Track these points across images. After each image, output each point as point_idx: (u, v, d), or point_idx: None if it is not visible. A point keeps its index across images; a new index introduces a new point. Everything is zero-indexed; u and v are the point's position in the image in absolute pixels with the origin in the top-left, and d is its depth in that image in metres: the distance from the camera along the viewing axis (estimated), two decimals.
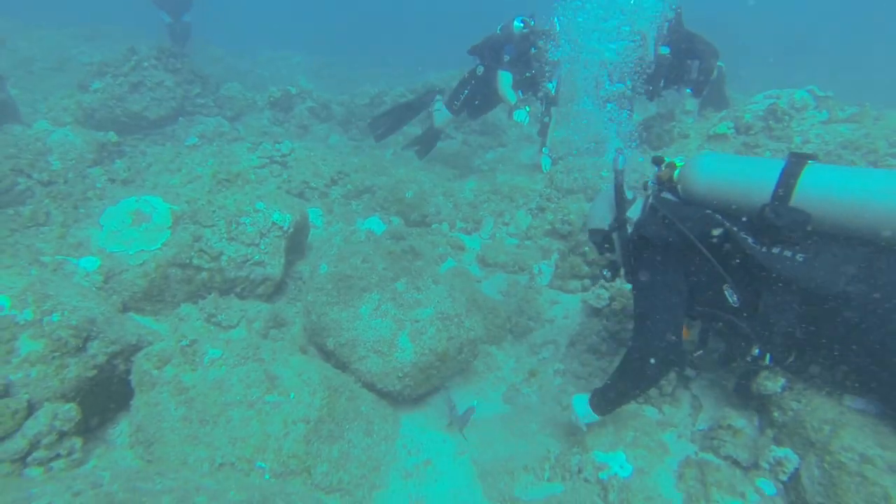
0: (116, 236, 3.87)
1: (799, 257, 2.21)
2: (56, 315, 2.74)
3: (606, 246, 2.93)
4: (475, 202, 5.94)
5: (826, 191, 2.16)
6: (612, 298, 3.91)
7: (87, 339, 2.80)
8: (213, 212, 4.05)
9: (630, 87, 5.60)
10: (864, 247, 2.16)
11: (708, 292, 2.48)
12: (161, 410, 2.75)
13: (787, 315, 2.26)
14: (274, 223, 4.22)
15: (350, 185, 5.87)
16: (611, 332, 3.71)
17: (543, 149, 6.52)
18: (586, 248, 4.47)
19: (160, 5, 11.41)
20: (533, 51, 6.13)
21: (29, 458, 2.49)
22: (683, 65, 5.71)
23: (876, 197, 2.07)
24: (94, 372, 2.82)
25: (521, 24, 6.25)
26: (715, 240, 2.39)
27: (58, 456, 2.57)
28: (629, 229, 2.77)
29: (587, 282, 4.41)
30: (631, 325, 3.66)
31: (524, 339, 4.17)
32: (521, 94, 6.26)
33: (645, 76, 5.68)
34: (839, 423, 2.19)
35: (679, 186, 2.64)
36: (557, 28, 5.99)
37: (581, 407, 2.73)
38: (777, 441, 2.42)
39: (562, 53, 6.17)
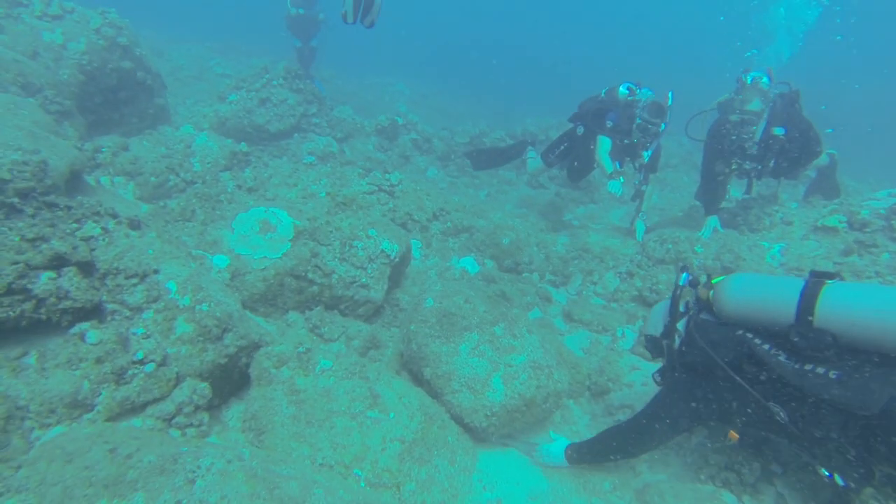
0: (245, 240, 4.33)
1: (832, 374, 2.23)
2: (206, 305, 3.16)
3: (657, 352, 3.19)
4: (566, 257, 6.11)
5: (845, 310, 2.20)
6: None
7: (224, 331, 3.19)
8: (331, 232, 4.46)
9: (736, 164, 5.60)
10: None
11: (752, 412, 2.58)
12: (274, 405, 3.08)
13: (831, 430, 2.29)
14: (382, 251, 4.57)
15: (450, 222, 6.20)
16: None
17: (640, 216, 6.59)
18: None
19: (294, 32, 12.60)
20: (638, 121, 6.16)
21: (173, 421, 2.87)
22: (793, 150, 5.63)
23: (891, 314, 2.11)
24: (226, 360, 3.21)
25: (627, 91, 6.34)
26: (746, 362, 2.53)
27: (191, 425, 2.94)
28: (676, 341, 3.01)
29: None
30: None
31: (601, 399, 4.25)
32: (618, 165, 6.31)
33: (751, 155, 5.65)
34: None
35: (714, 307, 2.79)
36: (670, 102, 6.04)
37: (555, 453, 3.32)
38: None
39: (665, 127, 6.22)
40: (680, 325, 3.03)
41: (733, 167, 5.73)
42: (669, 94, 6.04)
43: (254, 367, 3.25)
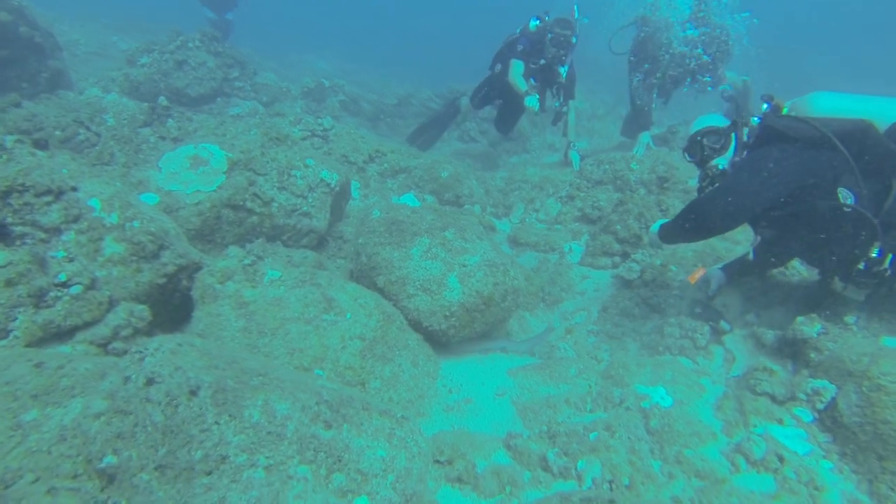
0: (175, 177, 4.05)
1: None
2: (137, 222, 2.91)
3: (707, 152, 3.03)
4: (506, 189, 6.14)
5: None
6: (643, 270, 4.07)
7: (160, 248, 2.96)
8: (267, 163, 4.24)
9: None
10: None
11: (818, 191, 2.60)
12: (222, 321, 2.90)
13: None
14: (322, 179, 4.41)
15: (386, 164, 6.07)
16: (643, 298, 3.86)
17: (571, 145, 6.73)
18: (618, 227, 4.64)
19: (205, 2, 11.84)
20: (549, 36, 6.31)
21: (109, 347, 2.63)
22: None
23: None
24: (164, 280, 2.98)
25: (538, 21, 6.52)
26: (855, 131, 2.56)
27: (130, 350, 2.70)
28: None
29: (618, 259, 4.57)
30: (662, 293, 3.83)
31: (556, 308, 4.32)
32: (532, 81, 6.44)
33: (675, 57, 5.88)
34: (878, 354, 2.33)
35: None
36: (577, 15, 6.25)
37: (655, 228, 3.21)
38: (813, 377, 2.55)
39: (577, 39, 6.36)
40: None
41: (659, 76, 5.94)
42: (575, 8, 6.32)
43: (196, 288, 3.03)
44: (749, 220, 3.04)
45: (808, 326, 2.66)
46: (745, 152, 2.99)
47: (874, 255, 2.48)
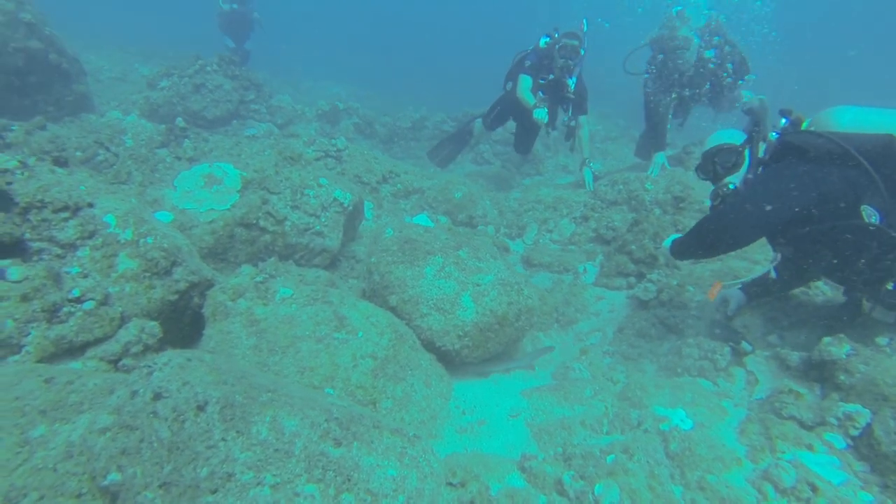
0: (189, 196, 4.08)
1: None
2: (151, 238, 2.91)
3: (722, 170, 3.00)
4: (519, 210, 6.11)
5: None
6: (659, 291, 3.99)
7: (173, 264, 2.96)
8: (280, 182, 4.27)
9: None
10: None
11: (840, 210, 2.53)
12: (233, 338, 2.87)
13: None
14: (335, 199, 4.42)
15: (400, 184, 6.09)
16: (660, 318, 3.77)
17: (586, 162, 6.69)
18: (633, 247, 4.57)
19: (226, 31, 12.17)
20: (557, 47, 6.34)
21: (119, 364, 2.61)
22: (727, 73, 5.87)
23: None
24: (176, 297, 2.97)
25: (548, 38, 6.56)
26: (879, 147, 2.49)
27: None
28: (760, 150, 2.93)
29: (633, 279, 4.50)
30: (680, 313, 3.75)
31: (570, 329, 4.24)
32: (541, 94, 6.44)
33: (689, 79, 5.86)
34: None
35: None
36: (585, 28, 6.27)
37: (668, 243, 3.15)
38: (844, 401, 2.45)
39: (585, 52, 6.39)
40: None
41: (673, 97, 5.92)
42: (584, 21, 6.36)
43: (208, 305, 3.02)
44: (767, 237, 2.98)
45: (837, 347, 2.56)
46: (760, 169, 2.94)
47: None
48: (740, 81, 5.85)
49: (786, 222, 2.70)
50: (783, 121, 2.91)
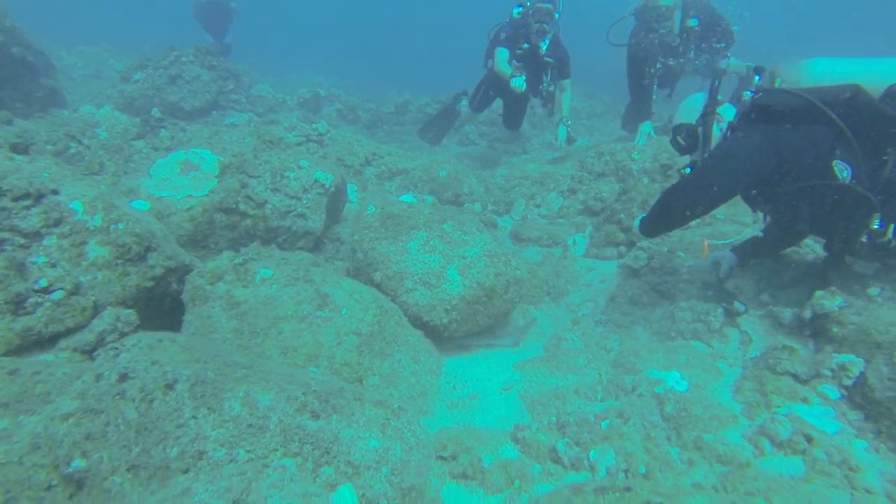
0: (166, 183, 3.96)
1: None
2: (122, 224, 2.81)
3: (690, 143, 2.99)
4: (506, 186, 6.03)
5: None
6: (650, 258, 3.93)
7: (147, 249, 2.86)
8: (259, 165, 4.15)
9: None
10: None
11: (813, 169, 2.49)
12: (213, 322, 2.78)
13: None
14: (316, 180, 4.31)
15: (384, 166, 5.98)
16: (651, 285, 3.71)
17: (562, 120, 6.62)
18: (622, 216, 4.51)
19: (204, 24, 11.90)
20: (531, 12, 6.25)
21: (94, 354, 2.51)
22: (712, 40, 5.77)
23: None
24: (152, 283, 2.87)
25: (520, 8, 6.46)
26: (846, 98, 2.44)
27: None
28: (717, 126, 2.88)
29: (623, 248, 4.43)
30: (672, 279, 3.69)
31: (561, 301, 4.17)
32: (515, 62, 6.39)
33: (673, 49, 5.76)
34: None
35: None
36: None
37: (636, 225, 3.11)
38: (838, 353, 2.40)
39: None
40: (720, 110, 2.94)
41: (658, 66, 5.82)
42: None
43: (186, 290, 2.92)
44: (743, 199, 2.97)
45: (829, 300, 2.51)
46: (729, 133, 2.90)
47: (876, 226, 2.34)
48: (720, 45, 5.75)
49: (749, 187, 2.72)
50: (756, 78, 2.85)
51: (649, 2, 5.74)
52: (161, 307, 3.00)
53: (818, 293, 2.56)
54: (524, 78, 6.16)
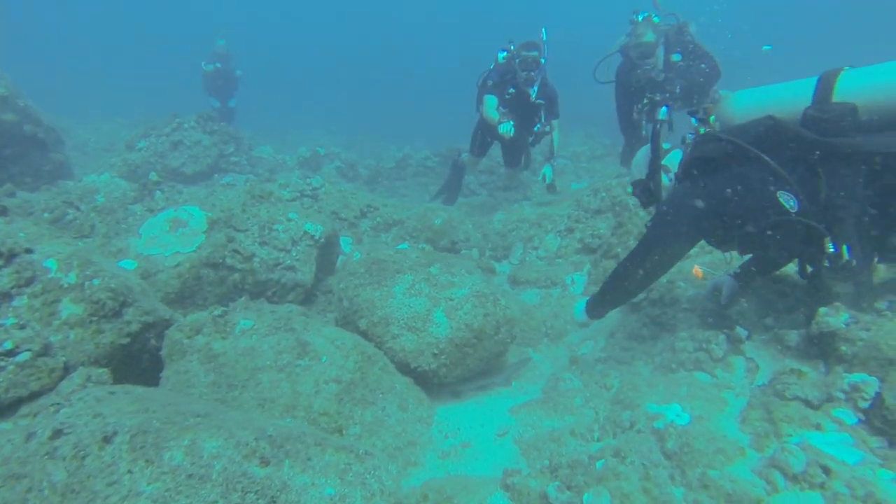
0: (154, 241, 3.96)
1: (858, 139, 2.25)
2: (97, 280, 2.76)
3: (647, 198, 3.00)
4: (504, 231, 5.96)
5: (867, 80, 2.26)
6: (649, 290, 3.78)
7: (123, 305, 2.80)
8: (247, 219, 4.15)
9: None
10: None
11: (760, 208, 2.46)
12: (190, 377, 2.68)
13: (854, 191, 2.23)
14: (306, 232, 4.28)
15: (379, 217, 5.97)
16: (651, 317, 3.55)
17: (549, 160, 6.63)
18: (619, 250, 4.39)
19: (210, 91, 12.45)
20: (517, 61, 6.33)
21: None
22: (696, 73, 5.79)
23: None
24: (128, 340, 2.79)
25: (505, 52, 6.58)
26: (765, 133, 2.45)
27: None
28: (666, 177, 2.85)
29: None
30: (671, 310, 3.53)
31: (560, 341, 4.01)
32: (502, 108, 6.47)
33: (659, 84, 5.80)
34: None
35: (716, 125, 2.76)
36: (545, 38, 6.27)
37: (579, 313, 3.16)
38: (849, 373, 2.21)
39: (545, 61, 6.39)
40: (665, 161, 2.96)
41: (645, 102, 5.84)
42: (543, 31, 6.36)
43: (165, 346, 2.84)
44: (707, 242, 2.95)
45: (834, 317, 2.34)
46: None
47: (831, 250, 2.27)
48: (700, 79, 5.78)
49: (699, 239, 2.81)
50: (693, 120, 2.87)
51: (633, 39, 5.83)
52: (139, 364, 2.91)
53: (822, 310, 2.41)
54: (511, 123, 6.22)
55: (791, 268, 3.08)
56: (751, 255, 3.12)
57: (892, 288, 2.56)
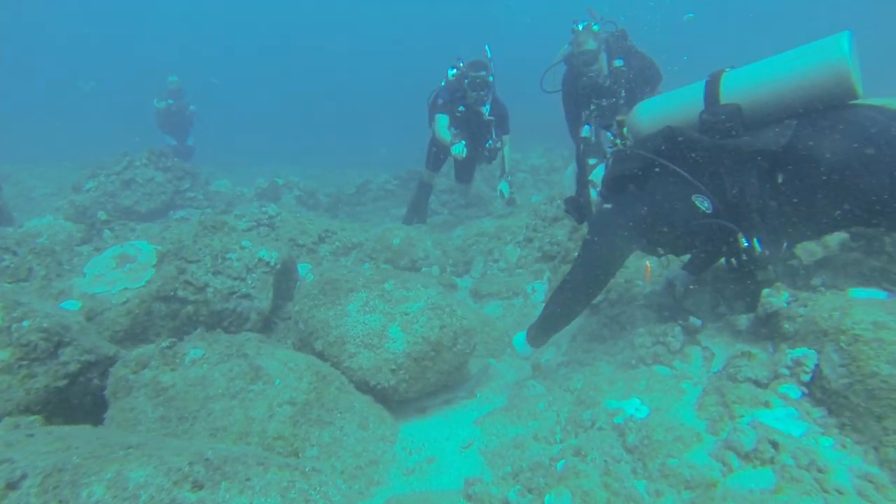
0: (100, 279, 3.82)
1: (745, 138, 2.40)
2: (27, 321, 2.63)
3: (579, 214, 3.17)
4: (463, 246, 5.97)
5: (746, 81, 2.41)
6: (607, 290, 3.81)
7: (58, 345, 2.67)
8: (199, 249, 4.04)
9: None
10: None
11: (680, 214, 2.59)
12: (137, 415, 2.56)
13: (751, 187, 2.37)
14: (261, 259, 4.20)
15: (338, 241, 5.92)
16: (611, 317, 3.57)
17: (504, 177, 6.75)
18: (575, 254, 4.42)
19: (166, 129, 12.25)
20: (466, 81, 6.48)
21: None
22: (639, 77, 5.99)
23: (783, 72, 2.33)
24: (65, 382, 2.66)
25: (454, 70, 6.74)
26: (665, 142, 2.59)
27: None
28: (594, 192, 3.02)
29: None
30: (630, 309, 3.56)
31: None
32: (453, 129, 6.61)
33: (604, 89, 5.96)
34: (847, 306, 2.07)
35: (630, 137, 2.90)
36: (489, 55, 6.45)
37: (519, 344, 3.16)
38: (792, 350, 2.25)
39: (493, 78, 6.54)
40: (592, 176, 3.06)
41: (592, 108, 5.98)
42: (486, 48, 6.56)
43: (109, 384, 2.71)
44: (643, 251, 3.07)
45: (776, 297, 2.39)
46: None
47: (744, 245, 2.43)
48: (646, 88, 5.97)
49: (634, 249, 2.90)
50: (609, 135, 2.99)
51: (575, 48, 5.99)
52: (82, 408, 2.77)
53: (765, 291, 2.46)
54: (464, 144, 6.35)
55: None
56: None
57: (825, 265, 2.64)
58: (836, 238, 2.86)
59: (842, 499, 1.60)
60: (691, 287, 3.23)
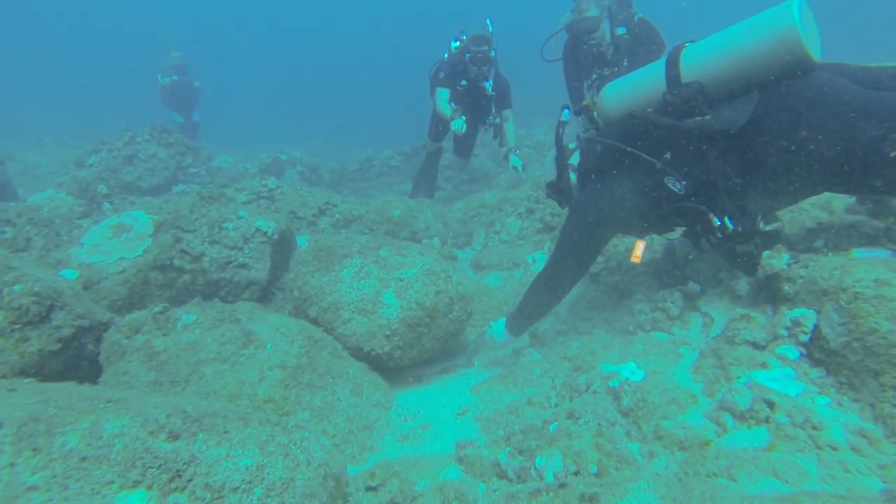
0: (97, 249, 3.80)
1: (707, 117, 2.35)
2: (18, 285, 2.62)
3: (560, 198, 3.14)
4: (465, 219, 5.91)
5: (704, 56, 2.35)
6: (607, 259, 3.76)
7: (51, 309, 2.65)
8: (196, 219, 4.02)
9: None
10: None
11: (654, 197, 2.59)
12: (130, 378, 2.56)
13: (716, 167, 2.35)
14: (258, 229, 4.16)
15: (339, 214, 5.87)
16: (611, 285, 3.52)
17: (512, 150, 6.65)
18: None
19: (170, 106, 12.17)
20: (468, 56, 6.35)
21: None
22: (642, 47, 5.82)
23: (738, 45, 2.26)
24: (59, 346, 2.65)
25: (457, 42, 6.60)
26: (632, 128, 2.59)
27: None
28: (574, 175, 3.00)
29: None
30: (630, 276, 3.51)
31: None
32: (453, 104, 6.51)
33: (607, 58, 5.82)
34: (848, 265, 2.00)
35: (600, 121, 2.86)
36: (490, 29, 6.31)
37: (498, 332, 3.16)
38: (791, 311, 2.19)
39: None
40: (572, 160, 3.03)
41: (594, 78, 5.84)
42: (487, 21, 6.41)
43: (103, 349, 2.71)
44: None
45: (777, 259, 2.33)
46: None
47: (717, 224, 2.40)
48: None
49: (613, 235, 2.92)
50: (582, 119, 2.92)
51: (577, 15, 5.83)
52: (76, 372, 2.77)
53: (766, 254, 2.39)
54: (464, 119, 6.28)
55: None
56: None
57: (826, 227, 2.56)
58: (841, 202, 2.78)
59: (834, 454, 1.56)
60: (690, 256, 3.17)
